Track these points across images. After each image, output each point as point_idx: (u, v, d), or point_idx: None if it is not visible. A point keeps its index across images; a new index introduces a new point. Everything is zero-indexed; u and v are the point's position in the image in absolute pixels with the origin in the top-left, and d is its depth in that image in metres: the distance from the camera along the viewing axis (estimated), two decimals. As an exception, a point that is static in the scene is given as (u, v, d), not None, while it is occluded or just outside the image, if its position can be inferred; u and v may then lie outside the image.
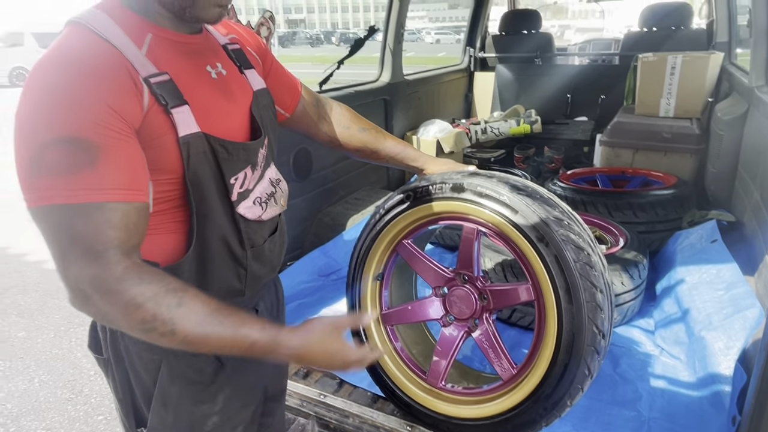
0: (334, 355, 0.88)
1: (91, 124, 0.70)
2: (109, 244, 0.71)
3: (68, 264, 0.70)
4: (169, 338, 0.74)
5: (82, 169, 0.69)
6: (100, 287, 0.70)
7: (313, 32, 48.52)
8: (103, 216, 0.71)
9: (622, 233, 2.05)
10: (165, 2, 0.82)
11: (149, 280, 0.73)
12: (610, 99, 3.70)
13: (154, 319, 0.72)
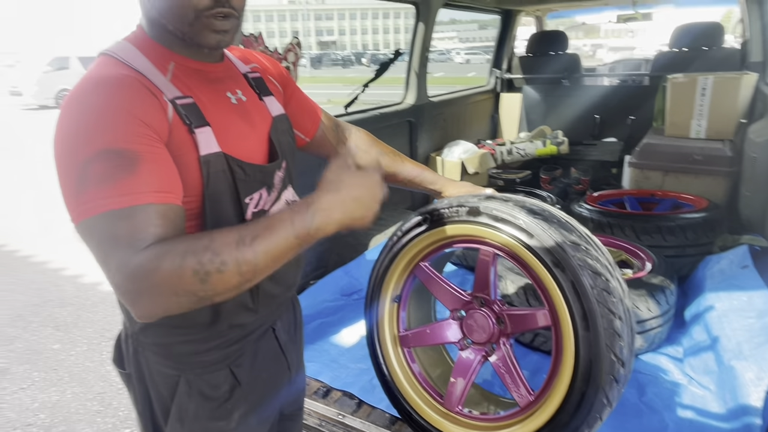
0: (364, 182, 0.83)
1: (125, 135, 0.74)
2: (149, 239, 0.72)
3: (111, 268, 0.71)
4: (228, 273, 0.72)
5: (123, 175, 0.72)
6: (142, 274, 0.70)
7: (344, 54, 49.43)
8: (143, 216, 0.72)
9: (650, 257, 2.01)
10: (173, 32, 0.86)
11: (174, 241, 0.72)
12: (639, 120, 3.65)
13: (200, 264, 0.70)
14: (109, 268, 0.72)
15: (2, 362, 2.93)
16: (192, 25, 0.83)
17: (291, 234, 0.76)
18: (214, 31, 0.85)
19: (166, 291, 0.71)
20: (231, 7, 0.85)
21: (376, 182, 0.85)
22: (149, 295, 0.71)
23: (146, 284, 0.70)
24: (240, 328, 0.99)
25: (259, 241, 0.74)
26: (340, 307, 2.29)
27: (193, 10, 0.82)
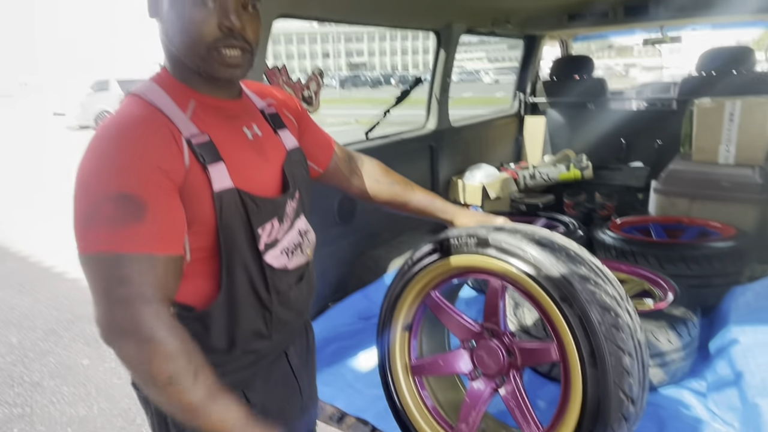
0: None
1: (139, 182, 0.79)
2: (154, 291, 0.79)
3: (110, 307, 0.78)
4: (182, 396, 0.79)
5: (130, 222, 0.78)
6: (140, 331, 0.77)
7: (373, 75, 50.13)
8: (144, 265, 0.78)
9: (672, 287, 1.97)
10: (189, 67, 0.90)
11: (186, 339, 0.81)
12: (667, 144, 3.59)
13: (184, 374, 0.78)
14: (97, 305, 0.79)
15: (36, 376, 3.03)
16: (205, 59, 0.87)
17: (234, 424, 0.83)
18: (226, 65, 0.89)
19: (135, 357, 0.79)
20: (243, 40, 0.89)
21: None
22: (124, 348, 0.79)
23: (131, 343, 0.78)
24: (253, 354, 1.03)
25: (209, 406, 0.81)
26: (358, 330, 2.30)
27: (204, 44, 0.86)
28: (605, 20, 3.38)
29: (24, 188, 8.26)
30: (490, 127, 3.97)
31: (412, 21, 2.98)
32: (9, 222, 6.41)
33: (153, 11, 0.91)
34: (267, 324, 1.01)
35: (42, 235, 5.81)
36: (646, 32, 4.67)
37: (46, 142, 14.39)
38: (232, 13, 0.86)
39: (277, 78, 1.95)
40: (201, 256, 0.92)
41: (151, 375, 0.79)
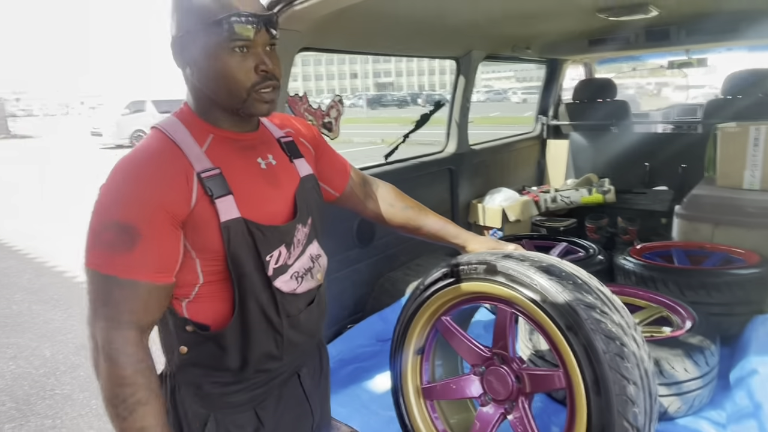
0: None
1: (138, 215, 0.88)
2: (130, 316, 0.89)
3: (95, 318, 0.90)
4: (118, 421, 0.89)
5: (123, 249, 0.88)
6: (109, 351, 0.88)
7: (400, 94, 50.62)
8: (130, 290, 0.89)
9: (690, 314, 1.95)
10: (223, 107, 0.99)
11: (143, 370, 0.90)
12: (692, 168, 3.54)
13: (123, 401, 0.88)
14: (94, 315, 0.90)
15: (66, 388, 3.15)
16: (245, 101, 0.96)
17: None
18: (265, 102, 0.98)
19: (101, 370, 0.90)
20: (275, 78, 0.98)
21: None
22: (96, 358, 0.90)
23: (102, 356, 0.89)
24: (265, 374, 1.08)
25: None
26: (375, 352, 2.33)
27: (245, 89, 0.95)
28: (627, 45, 3.39)
29: (65, 205, 8.60)
30: (511, 150, 3.99)
31: (431, 50, 3.06)
32: (49, 238, 6.68)
33: (181, 63, 0.99)
34: (278, 346, 1.06)
35: (77, 251, 6.03)
36: (671, 54, 4.66)
37: (83, 160, 14.97)
38: (265, 57, 0.95)
39: (298, 106, 2.04)
40: (213, 279, 0.99)
41: (102, 388, 0.90)
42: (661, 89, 26.47)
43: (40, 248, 6.21)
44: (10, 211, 8.45)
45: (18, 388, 3.16)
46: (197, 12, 0.93)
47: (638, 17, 2.59)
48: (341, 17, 1.74)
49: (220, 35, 0.91)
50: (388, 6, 1.93)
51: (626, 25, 2.99)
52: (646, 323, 2.00)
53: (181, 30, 0.95)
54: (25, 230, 7.12)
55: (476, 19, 2.47)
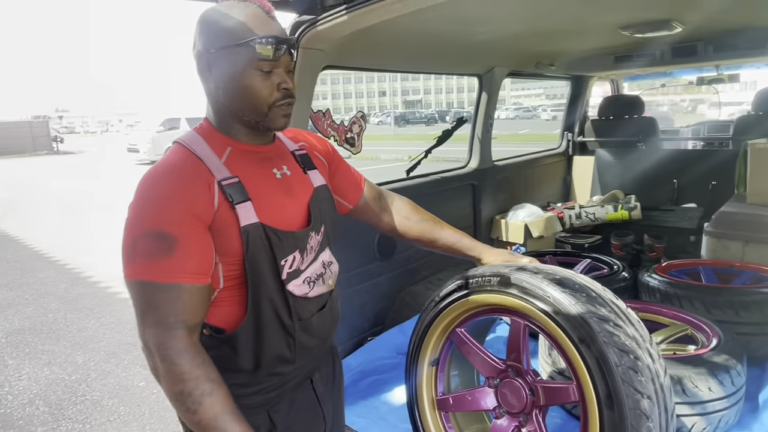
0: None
1: (172, 221, 0.93)
2: (178, 318, 0.93)
3: (144, 327, 0.93)
4: (189, 414, 0.92)
5: (162, 256, 0.92)
6: (163, 353, 0.92)
7: (427, 112, 50.83)
8: (174, 293, 0.93)
9: (716, 333, 1.90)
10: (243, 121, 1.06)
11: (199, 364, 0.93)
12: (722, 185, 3.47)
13: (189, 395, 0.91)
14: (143, 324, 0.94)
15: (96, 395, 3.25)
16: (267, 115, 1.04)
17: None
18: (284, 116, 1.06)
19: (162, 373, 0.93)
20: (293, 96, 1.06)
21: None
22: (154, 363, 0.93)
23: (159, 360, 0.92)
24: (278, 377, 1.12)
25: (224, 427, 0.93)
26: (395, 365, 2.34)
27: (267, 104, 1.03)
28: (653, 61, 3.36)
29: (101, 218, 8.91)
30: (535, 166, 3.98)
31: (453, 67, 3.10)
32: (85, 249, 6.93)
33: (207, 78, 1.05)
34: (290, 348, 1.10)
35: (112, 263, 6.24)
36: (701, 70, 4.58)
37: (120, 174, 15.50)
38: (287, 76, 1.04)
39: (321, 122, 2.10)
40: (232, 284, 1.04)
41: (166, 389, 0.93)
42: (696, 106, 25.88)
43: (77, 259, 6.45)
44: (52, 224, 8.80)
45: (51, 393, 3.28)
46: (226, 33, 1.00)
47: (662, 34, 2.57)
48: (363, 36, 1.80)
49: (247, 56, 0.99)
50: (409, 24, 1.98)
51: (652, 42, 2.97)
52: (669, 341, 1.96)
53: (208, 48, 1.02)
54: (64, 242, 7.40)
55: (498, 36, 2.50)
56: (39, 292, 5.26)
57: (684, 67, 4.30)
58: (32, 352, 3.89)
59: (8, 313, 4.73)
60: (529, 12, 2.08)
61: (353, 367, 2.28)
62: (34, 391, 3.31)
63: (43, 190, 13.15)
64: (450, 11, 1.91)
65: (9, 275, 5.90)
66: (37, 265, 6.29)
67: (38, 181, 14.96)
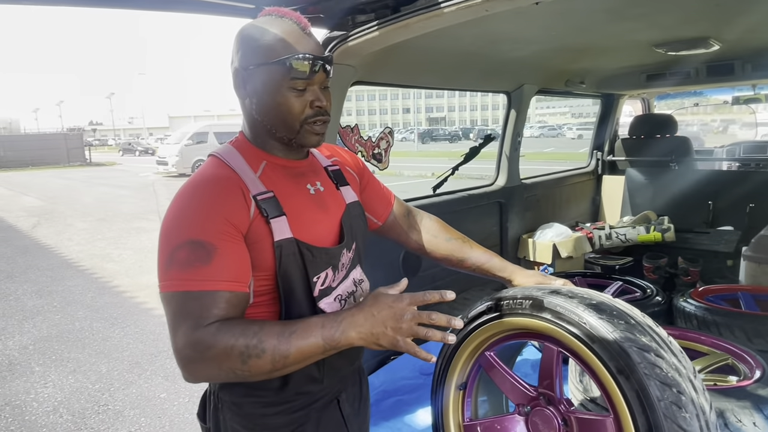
0: (386, 307, 0.92)
1: (209, 230, 0.92)
2: (211, 318, 0.89)
3: (177, 334, 0.88)
4: (265, 359, 0.87)
5: (200, 264, 0.90)
6: (201, 346, 0.86)
7: (451, 129, 50.89)
8: (210, 299, 0.90)
9: (759, 364, 1.80)
10: (276, 137, 1.05)
11: (233, 324, 0.89)
12: (760, 208, 3.34)
13: (246, 347, 0.86)
14: (175, 334, 0.88)
15: (119, 405, 3.26)
16: (298, 132, 1.03)
17: (319, 335, 0.89)
18: (315, 134, 1.05)
19: (214, 363, 0.87)
20: (326, 113, 1.05)
21: (401, 309, 0.92)
22: (201, 363, 0.87)
23: (201, 354, 0.86)
24: (306, 396, 1.09)
25: (295, 337, 0.88)
26: (419, 386, 2.29)
27: (299, 121, 1.02)
28: (687, 80, 3.28)
29: (128, 228, 9.10)
30: (563, 185, 3.90)
31: (482, 84, 3.08)
32: (113, 258, 7.06)
33: (243, 94, 1.05)
34: (319, 368, 1.07)
35: (137, 273, 6.33)
36: (736, 89, 4.47)
37: (149, 187, 15.85)
38: (321, 94, 1.03)
39: (349, 137, 2.09)
40: (262, 300, 1.02)
41: (233, 372, 0.88)
42: (727, 126, 25.22)
43: (105, 268, 6.57)
44: (82, 233, 9.01)
45: (75, 401, 3.31)
46: (263, 50, 0.99)
47: (698, 52, 2.51)
48: (393, 52, 1.79)
49: (282, 73, 0.98)
50: (439, 41, 1.96)
51: (686, 60, 2.90)
52: (708, 371, 1.87)
53: (245, 64, 1.01)
54: (93, 251, 7.56)
55: (528, 54, 2.48)
56: (67, 300, 5.36)
57: (718, 86, 4.19)
58: (58, 360, 3.94)
59: (37, 320, 4.82)
60: (561, 30, 2.05)
61: (376, 386, 2.24)
62: (59, 399, 3.34)
63: (74, 199, 13.52)
64: (481, 29, 1.89)
65: (40, 282, 6.03)
66: (67, 273, 6.42)
67: (70, 191, 15.40)
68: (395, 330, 0.91)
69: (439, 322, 0.95)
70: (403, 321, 0.91)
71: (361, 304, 0.94)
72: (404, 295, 0.95)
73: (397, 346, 0.92)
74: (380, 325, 0.91)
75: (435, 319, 0.94)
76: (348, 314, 0.92)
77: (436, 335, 0.94)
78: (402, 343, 0.92)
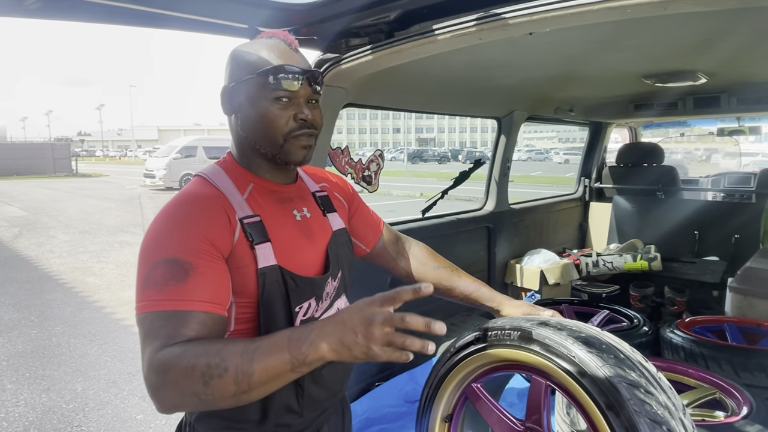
0: (356, 310, 0.79)
1: (188, 249, 0.88)
2: (179, 339, 0.82)
3: (143, 358, 0.82)
4: (227, 379, 0.77)
5: (175, 282, 0.86)
6: (162, 368, 0.79)
7: (440, 150, 51.32)
8: (182, 320, 0.84)
9: (747, 400, 1.79)
10: (261, 154, 1.02)
11: (196, 344, 0.81)
12: (745, 239, 3.38)
13: (208, 367, 0.77)
14: (143, 359, 0.83)
15: (93, 426, 3.15)
16: (282, 147, 1.00)
17: (285, 350, 0.78)
18: (302, 147, 1.01)
19: (177, 387, 0.79)
20: (313, 127, 1.02)
21: (372, 312, 0.78)
22: (164, 388, 0.80)
23: (163, 378, 0.79)
24: (285, 429, 1.05)
25: (259, 353, 0.79)
26: (403, 414, 2.24)
27: (282, 134, 0.99)
28: (674, 111, 3.33)
29: (111, 242, 8.95)
30: (551, 211, 3.92)
31: (473, 109, 3.10)
32: (94, 272, 6.92)
33: (228, 110, 1.04)
34: (299, 400, 1.04)
35: (118, 288, 6.21)
36: (721, 121, 4.55)
37: (135, 200, 15.68)
38: (304, 107, 1.00)
39: (339, 159, 2.08)
40: (243, 327, 0.98)
41: (197, 396, 0.79)
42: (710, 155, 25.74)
43: (87, 282, 6.43)
44: (64, 246, 8.85)
45: (47, 422, 3.19)
46: (247, 64, 0.99)
47: (685, 84, 2.55)
48: (385, 75, 1.79)
49: (266, 85, 0.97)
50: (431, 66, 1.97)
51: (674, 91, 2.95)
52: (695, 405, 1.85)
53: (232, 81, 1.01)
54: (74, 265, 7.41)
55: (520, 81, 2.50)
56: (45, 315, 5.21)
57: (704, 118, 4.27)
58: (32, 377, 3.81)
59: (13, 334, 4.68)
60: (553, 59, 2.07)
61: (359, 414, 2.19)
62: (30, 419, 3.22)
63: (58, 211, 13.31)
64: (473, 55, 1.90)
65: (18, 295, 5.88)
66: (47, 286, 6.27)
67: (55, 202, 15.17)
68: (366, 337, 0.77)
69: (416, 326, 0.78)
70: (374, 325, 0.77)
71: (333, 314, 0.84)
72: (377, 295, 0.81)
73: (373, 355, 0.77)
74: (350, 332, 0.77)
75: (409, 321, 0.77)
76: (318, 324, 0.81)
77: (415, 344, 0.77)
78: (377, 350, 0.77)
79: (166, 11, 1.31)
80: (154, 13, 1.31)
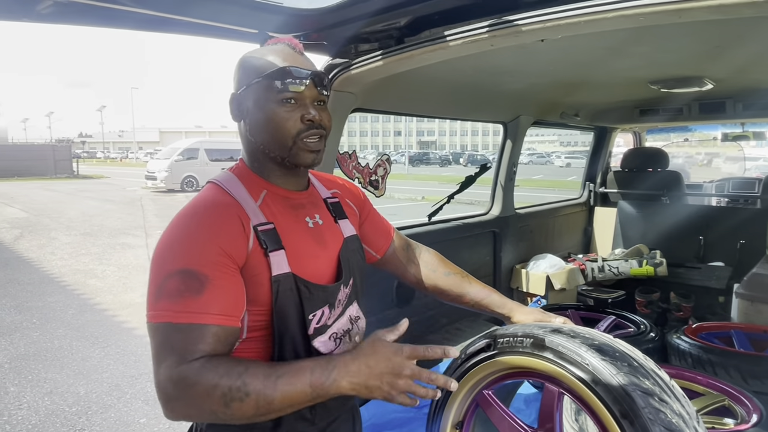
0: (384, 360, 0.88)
1: (204, 260, 0.88)
2: (197, 354, 0.84)
3: (159, 368, 0.84)
4: (248, 403, 0.82)
5: (191, 295, 0.86)
6: (182, 383, 0.82)
7: (441, 153, 51.34)
8: (198, 333, 0.85)
9: (756, 407, 1.78)
10: (271, 158, 1.02)
11: (218, 362, 0.84)
12: (750, 244, 3.37)
13: (230, 390, 0.81)
14: (158, 368, 0.84)
15: (95, 429, 3.14)
16: (291, 149, 1.00)
17: (307, 382, 0.84)
18: (310, 150, 1.01)
19: (195, 403, 0.82)
20: (321, 128, 1.02)
21: (400, 364, 0.89)
22: (181, 401, 0.82)
23: (182, 392, 0.82)
24: None
25: (282, 382, 0.83)
26: (409, 419, 2.23)
27: (290, 136, 0.99)
28: (679, 116, 3.33)
29: (115, 244, 8.95)
30: (556, 216, 3.91)
31: (479, 114, 3.10)
32: (96, 275, 6.91)
33: (237, 117, 1.04)
34: (311, 408, 1.03)
35: (120, 290, 6.20)
36: (725, 126, 4.55)
37: (137, 202, 15.68)
38: (311, 108, 1.00)
39: (347, 163, 2.07)
40: (255, 335, 0.98)
41: (215, 414, 0.83)
42: (712, 160, 25.72)
43: (88, 284, 6.43)
44: (65, 247, 8.85)
45: (50, 425, 3.18)
46: (253, 69, 1.00)
47: (692, 90, 2.55)
48: (394, 81, 1.79)
49: (271, 88, 0.97)
50: (439, 71, 1.97)
51: (679, 96, 2.95)
52: (705, 412, 1.84)
53: (240, 87, 1.02)
54: (76, 266, 7.40)
55: (526, 86, 2.50)
56: (47, 317, 5.21)
57: (709, 123, 4.27)
58: (35, 380, 3.81)
59: (15, 337, 4.67)
60: (561, 65, 2.07)
61: (365, 420, 2.17)
62: (33, 422, 3.21)
63: (60, 212, 13.32)
64: (482, 61, 1.90)
65: (19, 297, 5.88)
66: (48, 288, 6.27)
67: (56, 204, 15.18)
68: (391, 386, 0.88)
69: (437, 383, 0.93)
70: (401, 377, 0.88)
71: (357, 352, 0.90)
72: (404, 346, 0.91)
73: (392, 400, 0.89)
74: (376, 378, 0.87)
75: (434, 380, 0.92)
76: (341, 361, 0.88)
77: (429, 394, 0.92)
78: (397, 397, 0.89)
79: (178, 16, 1.31)
80: (165, 18, 1.31)
